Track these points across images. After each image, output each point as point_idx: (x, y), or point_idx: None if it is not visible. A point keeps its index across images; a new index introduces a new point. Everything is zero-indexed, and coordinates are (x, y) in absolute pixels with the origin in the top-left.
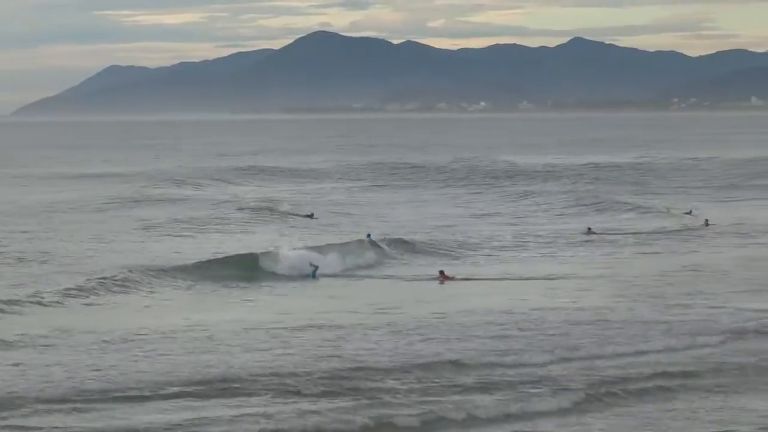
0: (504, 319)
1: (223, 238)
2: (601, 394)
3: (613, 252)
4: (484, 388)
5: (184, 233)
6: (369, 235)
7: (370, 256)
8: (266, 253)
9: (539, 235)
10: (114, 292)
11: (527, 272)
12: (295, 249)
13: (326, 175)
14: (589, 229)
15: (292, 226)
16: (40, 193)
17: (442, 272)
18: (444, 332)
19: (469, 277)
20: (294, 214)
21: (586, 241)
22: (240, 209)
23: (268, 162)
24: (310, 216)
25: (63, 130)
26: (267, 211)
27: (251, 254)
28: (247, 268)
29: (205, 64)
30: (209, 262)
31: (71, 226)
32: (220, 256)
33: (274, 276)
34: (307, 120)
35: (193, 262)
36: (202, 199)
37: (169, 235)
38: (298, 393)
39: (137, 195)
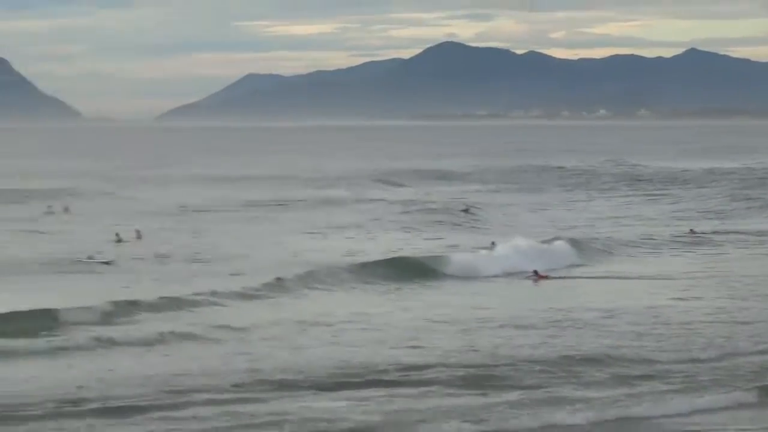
0: (638, 317)
1: (402, 237)
2: None
3: (719, 253)
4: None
5: (353, 234)
6: (493, 243)
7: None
8: (437, 257)
9: (652, 236)
10: (305, 287)
11: (633, 271)
12: (464, 252)
13: (468, 177)
14: (692, 230)
15: (457, 224)
16: (208, 193)
17: (536, 272)
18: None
19: (565, 276)
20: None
21: (690, 242)
22: (406, 210)
23: (422, 165)
24: (466, 210)
25: (210, 134)
26: (433, 210)
27: (436, 256)
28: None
29: (339, 72)
30: (389, 260)
31: (255, 227)
32: (395, 255)
33: (444, 276)
34: (437, 126)
35: (370, 260)
36: (369, 199)
37: (345, 234)
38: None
39: (312, 197)
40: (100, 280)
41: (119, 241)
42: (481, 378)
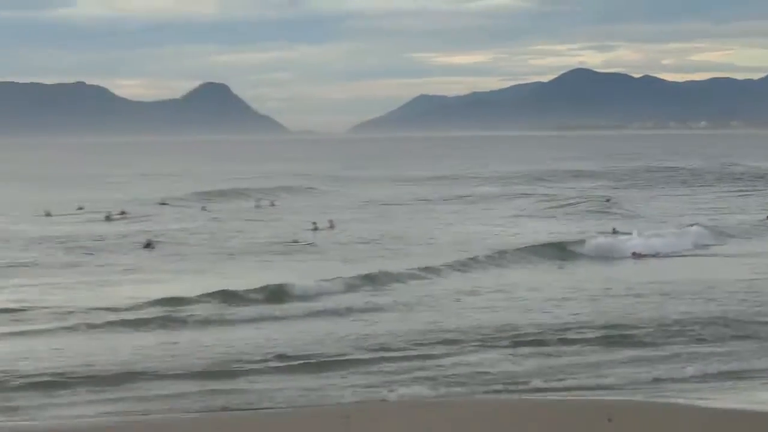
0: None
1: (554, 225)
2: None
3: None
4: None
5: (515, 222)
6: (614, 229)
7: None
8: (577, 241)
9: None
10: (493, 264)
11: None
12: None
13: (600, 176)
14: None
15: (600, 212)
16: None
17: (634, 252)
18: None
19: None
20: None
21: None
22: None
23: (562, 166)
24: (608, 200)
25: (392, 144)
26: (578, 202)
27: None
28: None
29: (492, 93)
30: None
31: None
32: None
33: (582, 256)
34: (570, 136)
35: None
36: (523, 194)
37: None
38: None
39: (504, 191)
40: (306, 261)
41: (315, 229)
42: (608, 338)
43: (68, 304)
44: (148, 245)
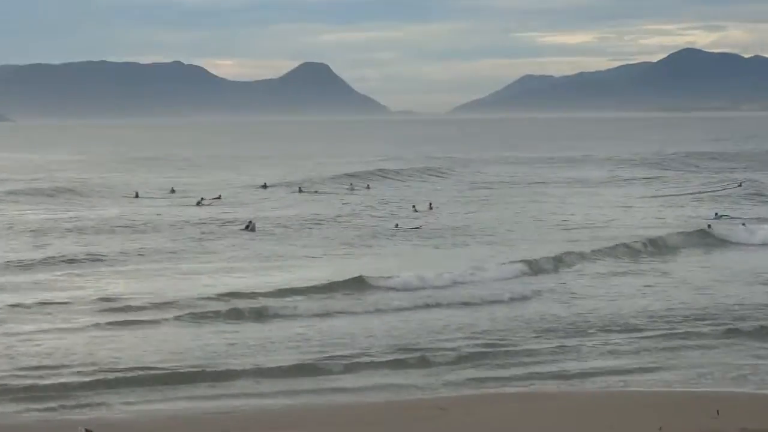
0: None
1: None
2: None
3: None
4: None
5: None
6: (716, 213)
7: None
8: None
9: None
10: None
11: None
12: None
13: (728, 158)
14: None
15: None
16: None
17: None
18: None
19: None
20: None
21: None
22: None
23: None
24: (740, 185)
25: (496, 125)
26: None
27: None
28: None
29: (599, 73)
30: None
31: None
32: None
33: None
34: (682, 117)
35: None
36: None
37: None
38: None
39: (618, 175)
40: (417, 246)
41: (415, 211)
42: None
43: (166, 294)
44: (249, 227)
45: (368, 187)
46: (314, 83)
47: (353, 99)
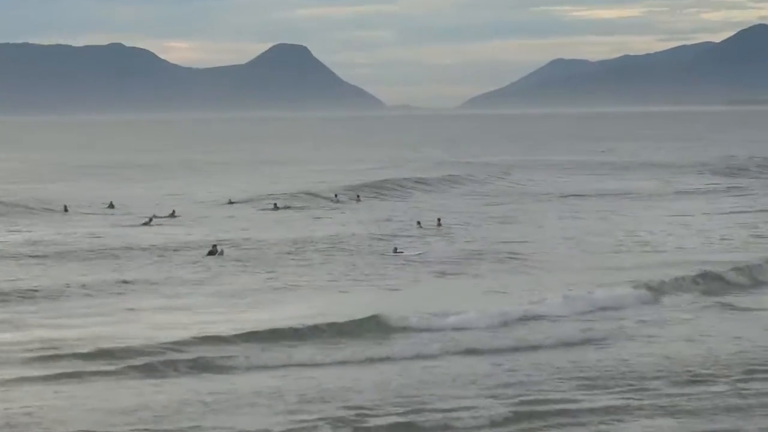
0: None
1: None
2: None
3: None
4: None
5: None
6: None
7: None
8: None
9: None
10: None
11: None
12: None
13: None
14: None
15: None
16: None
17: None
18: None
19: None
20: None
21: None
22: None
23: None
24: None
25: (518, 122)
26: None
27: None
28: None
29: (648, 57)
30: None
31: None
32: None
33: None
34: (753, 111)
35: None
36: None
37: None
38: None
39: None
40: (424, 275)
41: (420, 227)
42: None
43: (108, 340)
44: (214, 252)
45: (359, 199)
46: (290, 71)
47: (339, 90)
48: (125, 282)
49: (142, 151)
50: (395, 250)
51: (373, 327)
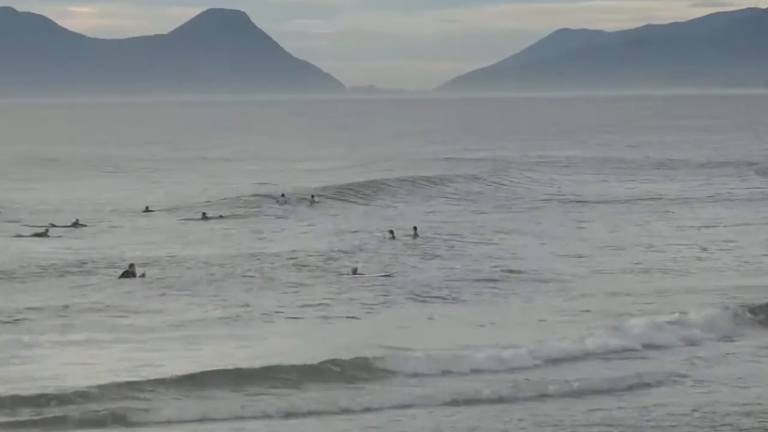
0: None
1: None
2: None
3: None
4: None
5: None
6: None
7: None
8: None
9: None
10: None
11: None
12: None
13: None
14: None
15: None
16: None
17: None
18: None
19: None
20: None
21: None
22: None
23: None
24: None
25: (529, 107)
26: None
27: None
28: None
29: (675, 26)
30: None
31: None
32: None
33: None
34: None
35: None
36: None
37: None
38: None
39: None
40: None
41: (393, 238)
42: None
43: None
44: (130, 273)
45: (313, 200)
46: (225, 42)
47: (287, 68)
48: (15, 311)
49: (36, 143)
50: (355, 272)
51: (325, 371)
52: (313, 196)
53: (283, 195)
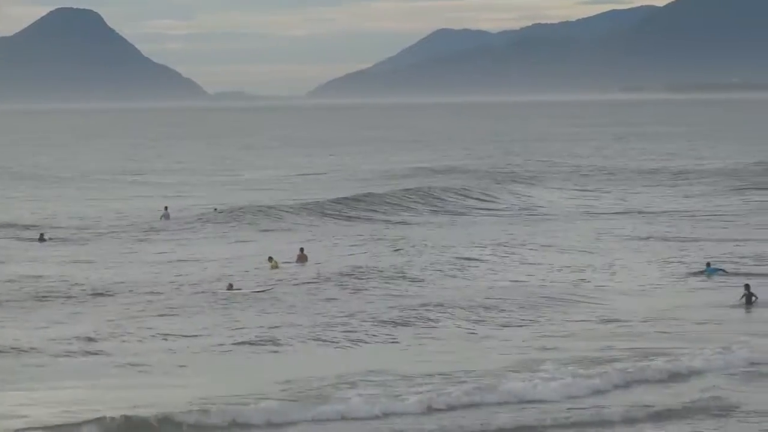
0: None
1: None
2: None
3: None
4: None
5: None
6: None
7: None
8: None
9: None
10: None
11: None
12: None
13: None
14: None
15: None
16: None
17: None
18: None
19: None
20: None
21: None
22: None
23: None
24: None
25: (402, 115)
26: None
27: None
28: None
29: (565, 26)
30: None
31: None
32: None
33: None
34: (706, 100)
35: None
36: None
37: None
38: None
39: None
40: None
41: (275, 267)
42: None
43: None
44: None
45: (165, 215)
46: (75, 44)
47: (142, 72)
48: None
49: None
50: (230, 287)
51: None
52: (216, 209)
53: (215, 209)
